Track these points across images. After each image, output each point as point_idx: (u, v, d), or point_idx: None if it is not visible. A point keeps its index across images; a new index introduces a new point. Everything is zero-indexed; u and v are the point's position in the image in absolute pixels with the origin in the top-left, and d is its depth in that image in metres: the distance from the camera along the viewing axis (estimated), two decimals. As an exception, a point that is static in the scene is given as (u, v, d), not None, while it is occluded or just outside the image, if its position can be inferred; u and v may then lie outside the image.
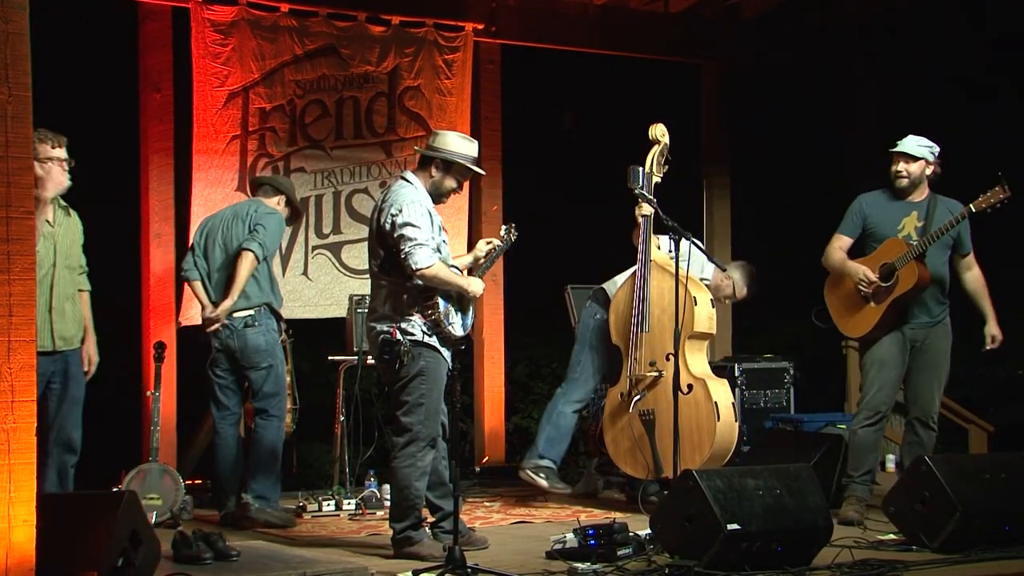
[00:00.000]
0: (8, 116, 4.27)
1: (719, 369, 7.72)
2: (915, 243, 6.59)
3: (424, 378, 5.71)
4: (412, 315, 5.71)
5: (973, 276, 6.78)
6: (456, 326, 5.82)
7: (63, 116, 7.42)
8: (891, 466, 8.87)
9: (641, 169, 7.14)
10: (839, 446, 7.10)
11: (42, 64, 4.44)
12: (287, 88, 7.94)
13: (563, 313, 8.10)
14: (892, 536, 5.97)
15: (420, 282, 5.68)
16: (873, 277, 6.62)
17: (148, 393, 7.17)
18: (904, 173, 6.70)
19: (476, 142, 6.01)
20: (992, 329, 6.78)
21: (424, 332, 5.72)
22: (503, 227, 6.33)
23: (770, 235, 10.72)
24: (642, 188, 7.02)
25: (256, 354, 6.72)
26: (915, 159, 6.70)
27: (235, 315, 6.69)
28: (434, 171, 5.87)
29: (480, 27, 8.48)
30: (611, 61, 9.33)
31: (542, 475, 7.24)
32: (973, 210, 6.48)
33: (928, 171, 6.72)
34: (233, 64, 7.74)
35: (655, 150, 7.08)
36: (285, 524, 6.63)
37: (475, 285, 5.89)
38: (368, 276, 8.05)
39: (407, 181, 5.88)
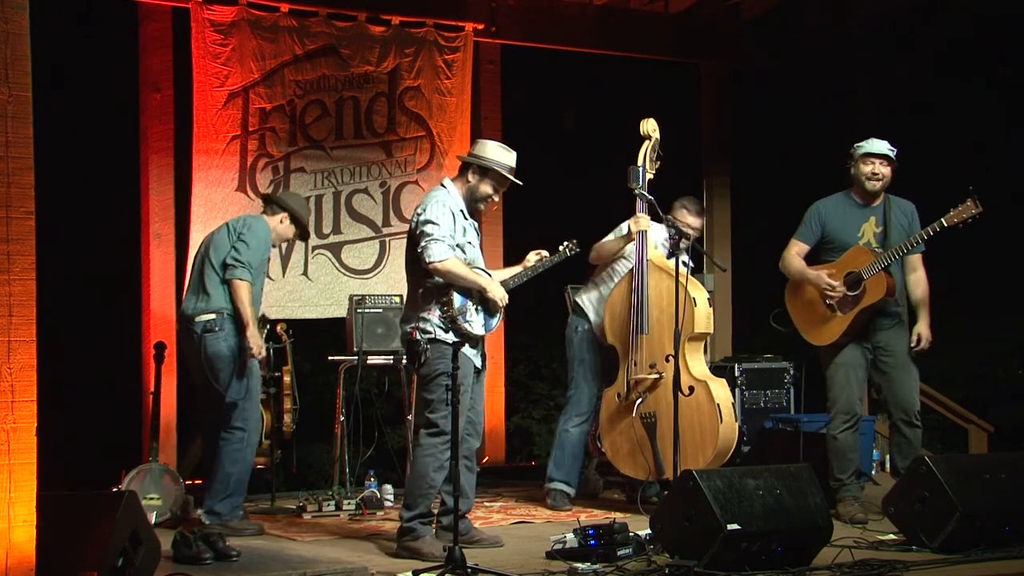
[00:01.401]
0: (8, 116, 4.28)
1: (719, 369, 7.72)
2: (884, 254, 6.60)
3: (447, 376, 5.73)
4: (429, 312, 5.82)
5: (916, 278, 6.80)
6: (475, 324, 5.90)
7: (64, 116, 7.44)
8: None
9: (642, 169, 7.13)
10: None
11: (42, 64, 4.44)
12: (287, 88, 7.94)
13: (563, 313, 8.09)
14: (892, 536, 5.97)
15: (438, 279, 5.78)
16: (838, 285, 6.63)
17: (148, 393, 7.18)
18: (880, 176, 6.72)
19: (515, 152, 6.09)
20: (922, 328, 6.76)
21: (440, 328, 5.80)
22: (564, 243, 6.46)
23: (770, 235, 10.72)
24: (642, 188, 7.02)
25: (217, 360, 6.34)
26: (891, 162, 6.71)
27: (197, 319, 6.37)
28: (471, 176, 6.00)
29: (480, 27, 8.47)
30: (611, 61, 9.33)
31: (549, 498, 7.28)
32: (945, 224, 6.46)
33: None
34: (233, 64, 7.73)
35: (647, 145, 7.05)
36: (248, 535, 6.28)
37: (494, 286, 5.96)
38: (367, 276, 8.15)
39: (443, 186, 6.03)
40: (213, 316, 6.35)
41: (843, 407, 6.75)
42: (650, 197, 6.90)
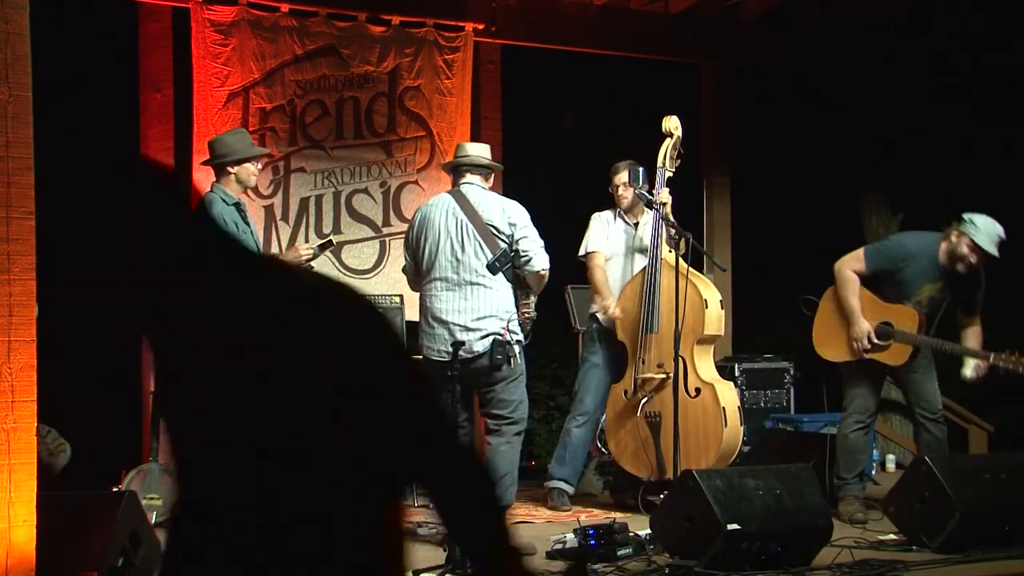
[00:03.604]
0: (8, 116, 4.29)
1: (719, 369, 7.70)
2: (926, 340, 6.54)
3: (523, 375, 6.21)
4: (515, 315, 6.14)
5: (973, 332, 6.72)
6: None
7: (63, 116, 7.42)
8: (891, 466, 8.87)
9: (641, 169, 7.13)
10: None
11: (42, 64, 4.44)
12: (287, 88, 7.93)
13: (563, 313, 8.10)
14: (892, 536, 5.97)
15: (532, 282, 6.20)
16: (867, 345, 6.57)
17: (148, 393, 7.17)
18: (976, 267, 6.53)
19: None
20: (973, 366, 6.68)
21: (522, 331, 6.17)
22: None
23: (770, 235, 10.72)
24: (641, 188, 7.01)
25: None
26: (991, 259, 6.52)
27: None
28: (491, 180, 6.41)
29: (480, 27, 8.47)
30: (611, 61, 9.33)
31: (549, 498, 7.29)
32: (991, 362, 6.47)
33: None
34: (233, 64, 7.73)
35: (668, 143, 7.03)
36: None
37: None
38: (367, 276, 8.14)
39: (489, 190, 6.33)
40: None
41: (857, 407, 6.73)
42: (650, 197, 6.89)
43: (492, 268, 6.06)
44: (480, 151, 6.37)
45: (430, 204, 6.36)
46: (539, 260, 6.10)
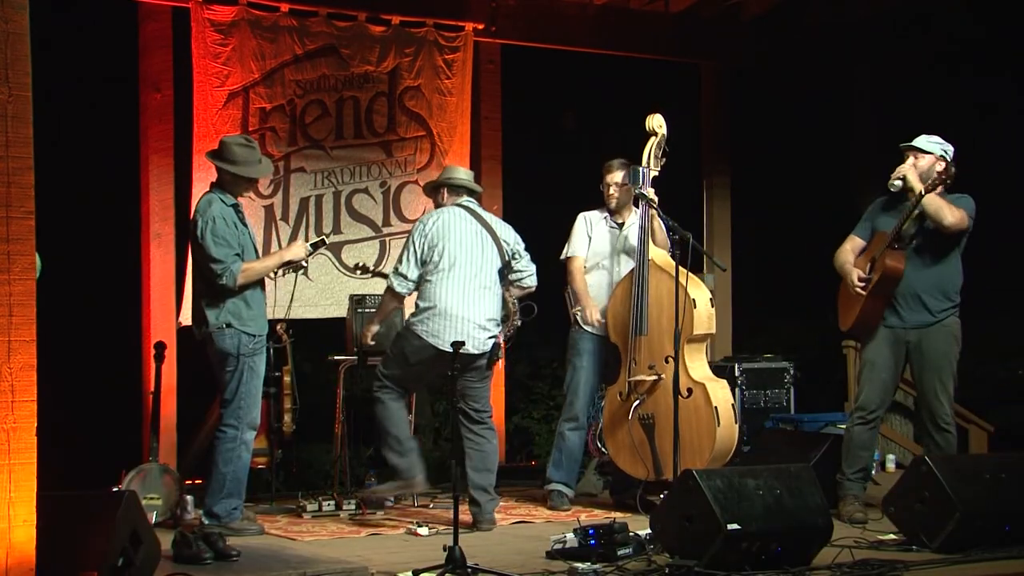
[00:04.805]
0: (8, 116, 4.28)
1: (719, 369, 7.70)
2: (888, 231, 6.55)
3: None
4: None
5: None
6: None
7: (63, 116, 7.43)
8: (891, 466, 8.87)
9: (642, 170, 7.10)
10: (838, 446, 7.11)
11: (42, 64, 4.44)
12: (287, 88, 7.94)
13: (563, 313, 8.10)
14: (892, 536, 5.97)
15: (518, 295, 6.87)
16: (859, 282, 6.61)
17: (148, 393, 7.17)
18: (913, 167, 6.56)
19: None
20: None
21: (507, 338, 6.82)
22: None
23: (770, 236, 10.72)
24: (641, 189, 7.00)
25: (222, 356, 6.36)
26: (925, 154, 6.60)
27: (206, 316, 6.40)
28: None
29: (480, 27, 8.48)
30: (611, 61, 9.33)
31: (549, 501, 7.30)
32: (923, 192, 6.43)
33: (939, 168, 6.61)
34: (233, 64, 7.73)
35: (652, 142, 6.99)
36: (248, 535, 6.28)
37: None
38: (366, 276, 8.14)
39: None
40: (219, 314, 6.36)
41: (861, 403, 6.72)
42: (652, 198, 6.88)
43: (500, 276, 6.67)
44: (472, 176, 6.99)
45: (443, 212, 6.72)
46: (535, 277, 6.88)
